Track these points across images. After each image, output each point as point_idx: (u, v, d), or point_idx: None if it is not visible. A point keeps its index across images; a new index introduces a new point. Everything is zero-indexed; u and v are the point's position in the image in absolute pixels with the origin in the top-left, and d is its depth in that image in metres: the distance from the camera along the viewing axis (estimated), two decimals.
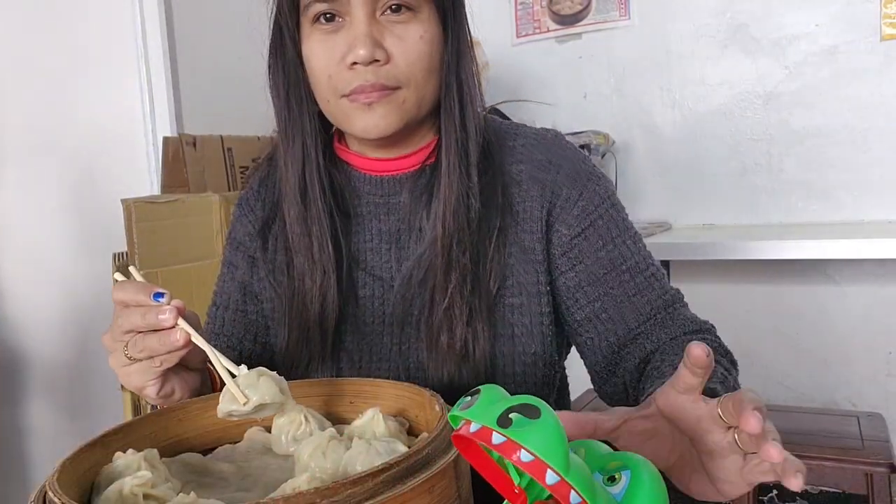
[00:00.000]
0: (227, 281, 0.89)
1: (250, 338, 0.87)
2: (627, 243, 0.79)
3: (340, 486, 0.42)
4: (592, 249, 0.78)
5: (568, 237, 0.79)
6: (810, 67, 2.16)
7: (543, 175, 0.80)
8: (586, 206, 0.79)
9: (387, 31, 0.72)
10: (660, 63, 2.35)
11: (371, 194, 0.82)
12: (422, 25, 0.72)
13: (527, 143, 0.83)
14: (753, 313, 2.27)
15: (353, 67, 0.71)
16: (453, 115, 0.77)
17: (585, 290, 0.78)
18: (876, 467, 1.52)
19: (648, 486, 0.50)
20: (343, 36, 0.72)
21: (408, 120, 0.75)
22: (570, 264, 0.79)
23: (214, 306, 0.89)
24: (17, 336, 2.14)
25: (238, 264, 0.88)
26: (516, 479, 0.50)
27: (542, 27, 2.50)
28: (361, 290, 0.81)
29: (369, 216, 0.82)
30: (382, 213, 0.82)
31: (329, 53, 0.72)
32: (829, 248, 1.79)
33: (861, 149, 2.12)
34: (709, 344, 0.74)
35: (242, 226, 0.88)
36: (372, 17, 0.71)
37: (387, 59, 0.71)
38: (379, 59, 0.71)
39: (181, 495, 0.47)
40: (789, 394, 2.26)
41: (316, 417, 0.62)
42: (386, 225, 0.81)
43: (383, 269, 0.81)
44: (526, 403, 0.45)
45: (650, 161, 2.39)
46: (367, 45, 0.70)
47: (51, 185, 2.09)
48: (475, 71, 0.79)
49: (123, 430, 0.58)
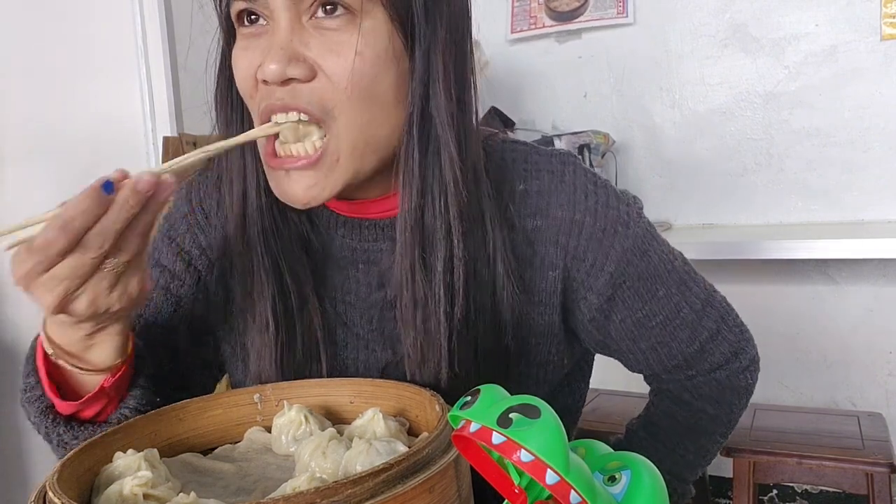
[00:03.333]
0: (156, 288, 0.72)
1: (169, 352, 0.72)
2: (659, 294, 0.70)
3: (340, 486, 0.42)
4: (620, 315, 0.69)
5: (597, 304, 0.68)
6: (810, 67, 2.16)
7: (565, 239, 0.66)
8: (615, 271, 0.67)
9: (314, 39, 0.55)
10: (660, 63, 2.35)
11: (346, 237, 0.67)
12: (364, 37, 0.54)
13: (542, 190, 0.66)
14: (753, 313, 2.25)
15: (263, 85, 0.56)
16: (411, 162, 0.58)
17: (614, 344, 0.72)
18: (876, 467, 1.52)
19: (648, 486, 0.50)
20: (262, 44, 0.56)
21: (344, 181, 0.57)
22: (596, 327, 0.70)
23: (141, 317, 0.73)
24: (17, 336, 2.14)
25: (179, 275, 0.72)
26: (516, 479, 0.50)
27: (538, 23, 2.50)
28: (342, 352, 0.69)
29: (345, 262, 0.67)
30: (361, 261, 0.67)
31: (247, 64, 0.57)
32: (829, 248, 1.79)
33: (861, 149, 2.12)
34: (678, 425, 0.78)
35: (193, 235, 0.72)
36: (296, 21, 0.55)
37: (310, 76, 0.55)
38: (296, 76, 0.54)
39: (181, 495, 0.47)
40: (789, 394, 2.26)
41: (316, 417, 0.62)
42: (366, 277, 0.67)
43: (365, 328, 0.68)
44: (526, 403, 0.45)
45: (650, 161, 2.39)
46: (278, 59, 0.53)
47: (51, 186, 2.09)
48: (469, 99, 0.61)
49: (123, 430, 0.57)
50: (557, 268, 0.66)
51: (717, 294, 0.77)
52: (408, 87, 0.58)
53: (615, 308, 0.69)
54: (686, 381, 0.77)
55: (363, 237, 0.67)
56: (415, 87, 0.58)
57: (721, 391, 0.76)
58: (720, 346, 0.74)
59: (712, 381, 0.76)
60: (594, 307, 0.68)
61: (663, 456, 0.77)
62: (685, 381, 0.77)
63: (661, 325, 0.71)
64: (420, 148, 0.59)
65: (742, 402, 0.78)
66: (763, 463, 1.62)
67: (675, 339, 0.72)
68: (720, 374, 0.76)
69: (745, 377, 0.77)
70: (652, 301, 0.69)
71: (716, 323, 0.74)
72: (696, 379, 0.76)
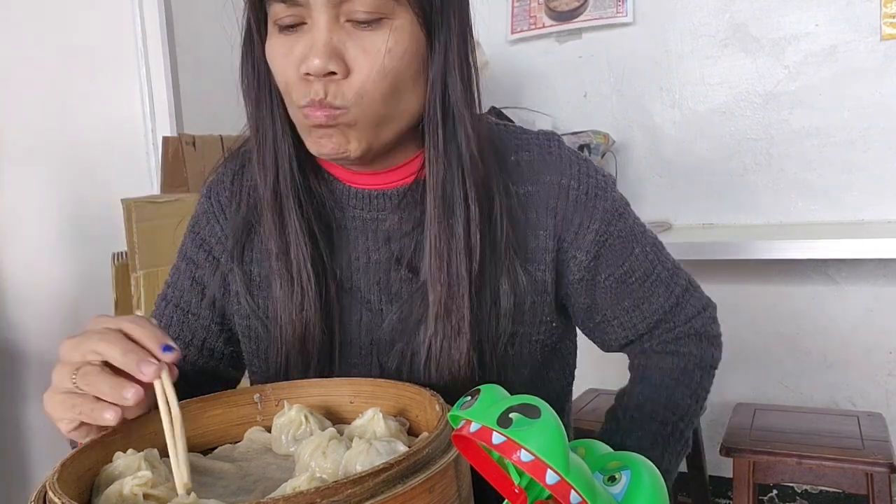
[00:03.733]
0: (183, 277, 0.81)
1: (197, 343, 0.80)
2: (636, 252, 0.78)
3: (340, 486, 0.42)
4: (605, 272, 0.77)
5: (585, 263, 0.76)
6: (810, 67, 2.16)
7: (554, 201, 0.74)
8: (599, 228, 0.75)
9: (350, 39, 0.63)
10: (660, 63, 2.35)
11: (357, 209, 0.75)
12: (393, 35, 0.63)
13: (532, 160, 0.76)
14: (753, 313, 2.27)
15: (306, 78, 0.63)
16: (436, 134, 0.68)
17: (598, 306, 0.79)
18: (876, 467, 1.52)
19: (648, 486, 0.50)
20: (303, 41, 0.63)
21: (367, 142, 0.66)
22: (584, 287, 0.77)
23: (164, 300, 0.82)
24: (17, 336, 2.14)
25: (200, 263, 0.80)
26: (516, 478, 0.50)
27: (538, 23, 2.50)
28: (347, 316, 0.75)
29: (355, 232, 0.75)
30: (370, 230, 0.74)
31: (286, 60, 0.65)
32: (829, 248, 1.79)
33: (861, 149, 2.12)
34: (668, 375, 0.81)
35: (210, 225, 0.80)
36: (334, 23, 0.62)
37: (345, 74, 0.63)
38: (335, 71, 0.62)
39: (181, 495, 0.47)
40: (789, 394, 2.26)
41: (316, 417, 0.62)
42: (374, 244, 0.74)
43: (371, 291, 0.74)
44: (526, 403, 0.45)
45: (650, 161, 2.39)
46: (322, 55, 0.61)
47: (51, 186, 2.09)
48: (474, 82, 0.70)
49: (123, 430, 0.57)
50: (548, 228, 0.74)
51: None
52: (427, 74, 0.67)
53: (600, 266, 0.76)
54: (667, 335, 0.82)
55: (372, 206, 0.74)
56: (434, 74, 0.67)
57: (699, 339, 0.83)
58: (692, 300, 0.83)
59: (691, 330, 0.82)
60: (583, 266, 0.76)
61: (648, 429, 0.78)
62: (666, 335, 0.82)
63: (639, 282, 0.78)
64: (443, 127, 0.68)
65: (717, 352, 0.84)
66: (763, 463, 1.62)
67: (654, 294, 0.79)
68: (696, 322, 0.82)
69: (716, 327, 0.85)
70: (630, 258, 0.78)
71: (686, 280, 0.83)
72: (676, 330, 0.82)
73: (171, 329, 0.80)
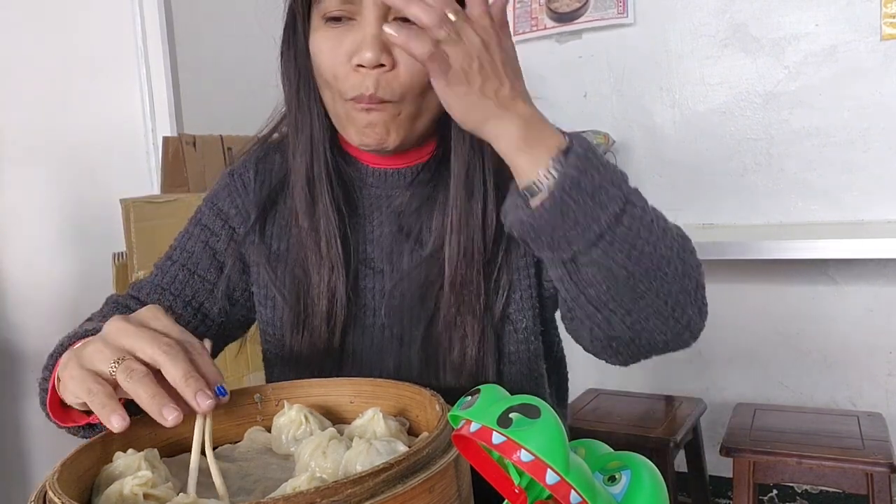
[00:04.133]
0: (195, 241, 0.85)
1: (195, 305, 0.84)
2: None
3: (340, 486, 0.42)
4: None
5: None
6: (810, 67, 2.16)
7: None
8: None
9: None
10: (660, 63, 2.35)
11: (373, 186, 0.81)
12: None
13: None
14: (753, 313, 2.27)
15: (357, 69, 0.68)
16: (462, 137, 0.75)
17: None
18: (876, 467, 1.52)
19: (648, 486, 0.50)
20: (352, 36, 0.69)
21: (404, 136, 0.73)
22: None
23: (170, 260, 0.85)
24: (17, 336, 2.14)
25: (215, 231, 0.85)
26: (516, 478, 0.50)
27: (539, 24, 2.50)
28: (362, 282, 0.80)
29: (370, 207, 0.81)
30: (384, 205, 0.81)
31: (335, 52, 0.70)
32: (829, 248, 1.79)
33: (861, 149, 2.12)
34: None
35: (231, 199, 0.85)
36: (383, 20, 0.68)
37: (392, 66, 0.68)
38: (385, 64, 0.68)
39: (181, 495, 0.47)
40: (789, 394, 2.26)
41: (316, 417, 0.62)
42: (388, 218, 0.80)
43: (384, 261, 0.80)
44: (526, 403, 0.45)
45: (650, 160, 2.39)
46: (375, 49, 0.67)
47: (51, 186, 2.09)
48: None
49: (123, 431, 0.57)
50: None
51: None
52: None
53: None
54: None
55: (387, 184, 0.81)
56: None
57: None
58: None
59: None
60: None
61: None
62: None
63: None
64: None
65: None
66: (763, 463, 1.62)
67: None
68: None
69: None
70: None
71: None
72: None
73: (174, 286, 0.83)
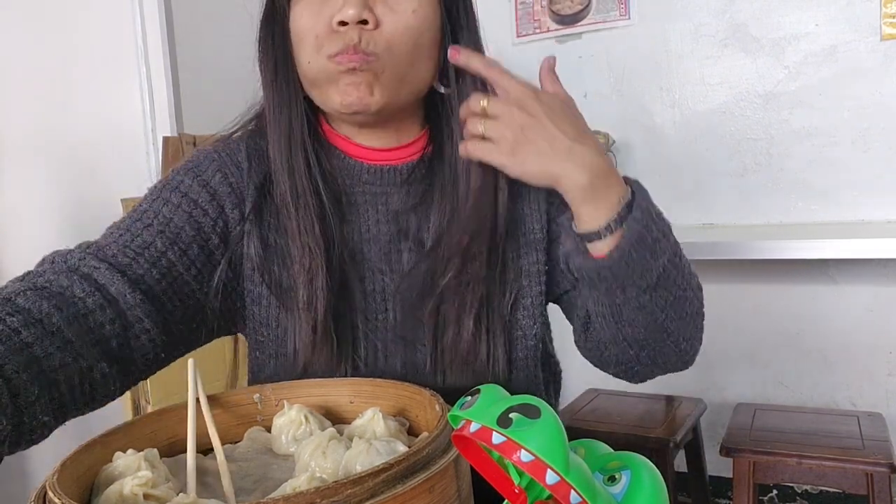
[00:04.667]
0: (174, 209, 0.74)
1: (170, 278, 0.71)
2: None
3: (340, 486, 0.42)
4: None
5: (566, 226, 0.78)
6: (810, 67, 2.16)
7: None
8: None
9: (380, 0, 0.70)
10: (660, 63, 2.35)
11: (367, 183, 0.79)
12: (417, 1, 0.70)
13: None
14: (754, 313, 2.27)
15: (339, 27, 0.68)
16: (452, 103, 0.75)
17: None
18: (876, 467, 1.52)
19: (648, 486, 0.50)
20: (332, 1, 0.69)
21: (388, 97, 0.71)
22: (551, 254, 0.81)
23: (140, 223, 0.72)
24: None
25: (203, 207, 0.75)
26: (516, 479, 0.50)
27: (542, 27, 2.50)
28: (368, 284, 0.77)
29: (365, 205, 0.79)
30: (380, 203, 0.78)
31: (317, 15, 0.70)
32: (829, 248, 1.79)
33: (861, 149, 2.12)
34: None
35: (224, 175, 0.77)
36: None
37: (375, 25, 0.69)
38: (367, 20, 0.68)
39: (181, 495, 0.47)
40: (789, 394, 2.26)
41: (316, 417, 0.62)
42: (384, 216, 0.79)
43: (383, 261, 0.78)
44: (526, 403, 0.45)
45: (650, 161, 2.39)
46: (357, 5, 0.67)
47: (51, 185, 2.09)
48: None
49: (123, 430, 0.58)
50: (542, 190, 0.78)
51: None
52: (441, 42, 0.74)
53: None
54: None
55: (382, 181, 0.79)
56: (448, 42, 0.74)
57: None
58: None
59: None
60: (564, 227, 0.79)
61: None
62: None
63: None
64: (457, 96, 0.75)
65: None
66: (763, 463, 1.62)
67: None
68: None
69: None
70: None
71: None
72: None
73: (148, 252, 0.70)
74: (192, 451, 0.55)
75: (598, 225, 0.65)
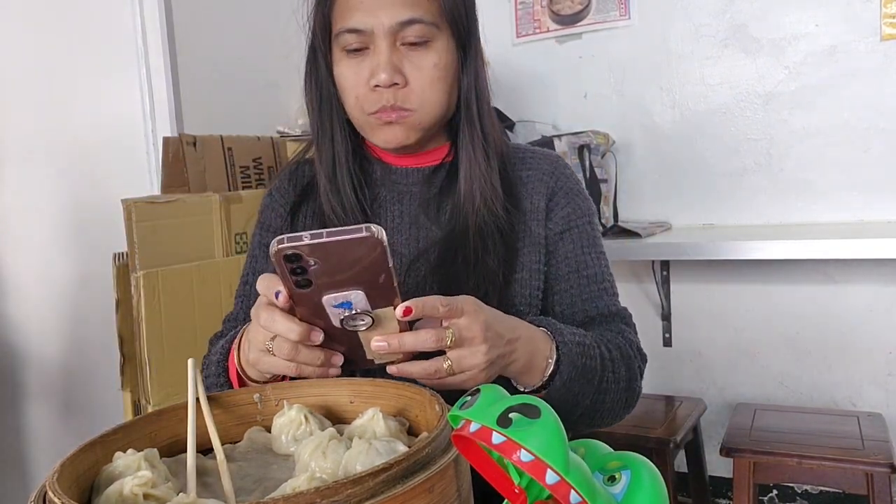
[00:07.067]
0: (260, 262, 0.95)
1: None
2: (593, 255, 0.93)
3: (340, 486, 0.42)
4: (564, 251, 0.92)
5: (553, 232, 0.92)
6: (810, 67, 2.16)
7: (547, 178, 0.94)
8: (570, 214, 0.93)
9: (406, 59, 0.83)
10: (660, 63, 2.35)
11: (396, 182, 0.93)
12: (437, 54, 0.83)
13: (535, 157, 0.96)
14: (753, 313, 2.27)
15: (375, 89, 0.83)
16: (473, 122, 0.89)
17: (550, 282, 0.92)
18: (876, 467, 1.52)
19: (648, 485, 0.50)
20: (368, 62, 0.83)
21: (420, 136, 0.87)
22: (551, 251, 0.92)
23: (248, 285, 0.95)
24: (17, 336, 2.14)
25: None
26: (516, 478, 0.50)
27: (542, 27, 2.51)
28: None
29: (392, 200, 0.93)
30: (406, 198, 0.93)
31: (356, 77, 0.84)
32: (829, 248, 1.79)
33: (861, 149, 2.12)
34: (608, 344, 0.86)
35: (273, 211, 0.97)
36: (393, 47, 0.82)
37: (405, 83, 0.83)
38: (398, 82, 0.82)
39: (181, 495, 0.47)
40: (789, 394, 2.26)
41: (316, 417, 0.62)
42: (408, 208, 0.92)
43: (402, 245, 0.91)
44: (526, 403, 0.45)
45: (650, 161, 2.39)
46: (388, 71, 0.81)
47: (51, 186, 2.09)
48: (487, 83, 0.91)
49: (123, 430, 0.58)
50: (542, 194, 0.93)
51: None
52: (460, 76, 0.88)
53: (563, 241, 0.92)
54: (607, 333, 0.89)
55: (407, 181, 0.94)
56: (469, 78, 0.89)
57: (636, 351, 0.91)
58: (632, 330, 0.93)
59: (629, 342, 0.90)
60: (553, 232, 0.93)
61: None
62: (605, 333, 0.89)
63: (589, 279, 0.92)
64: (479, 118, 0.89)
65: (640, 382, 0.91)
66: (763, 463, 1.62)
67: (601, 298, 0.92)
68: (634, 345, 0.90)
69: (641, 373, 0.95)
70: (588, 255, 0.93)
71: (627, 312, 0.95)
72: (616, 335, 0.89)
73: None
74: (192, 451, 0.55)
75: (533, 384, 0.76)
